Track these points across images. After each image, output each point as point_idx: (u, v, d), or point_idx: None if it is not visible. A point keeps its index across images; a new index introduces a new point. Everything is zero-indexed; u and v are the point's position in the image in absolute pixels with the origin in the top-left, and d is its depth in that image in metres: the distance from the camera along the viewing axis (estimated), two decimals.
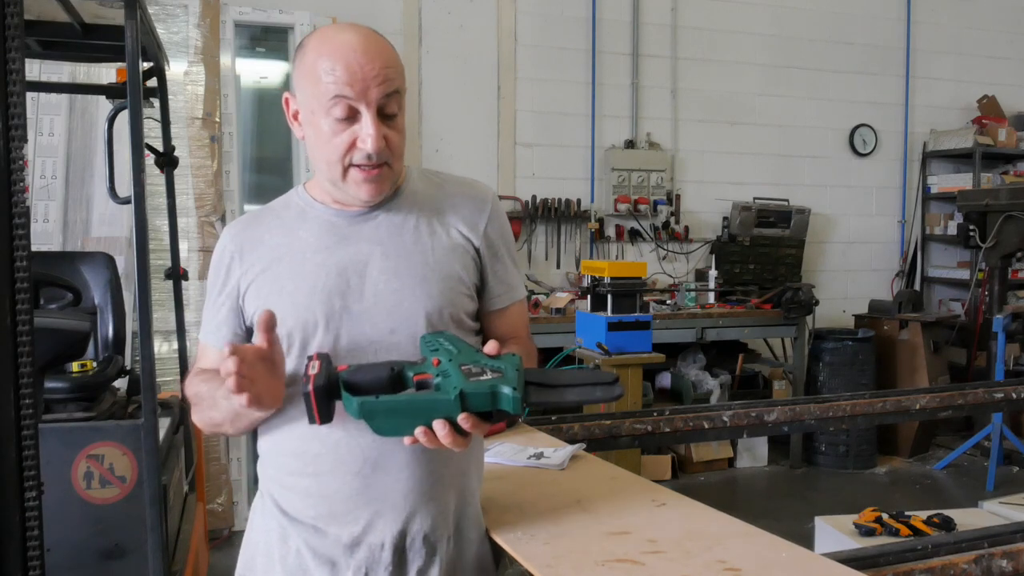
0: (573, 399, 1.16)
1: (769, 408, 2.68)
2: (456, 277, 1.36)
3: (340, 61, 1.24)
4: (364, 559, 1.33)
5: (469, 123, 5.51)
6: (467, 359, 1.14)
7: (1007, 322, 5.20)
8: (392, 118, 1.29)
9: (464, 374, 1.11)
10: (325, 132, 1.27)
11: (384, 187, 1.32)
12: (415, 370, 1.15)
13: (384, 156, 1.28)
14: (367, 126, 1.25)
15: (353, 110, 1.25)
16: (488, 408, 1.11)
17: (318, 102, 1.26)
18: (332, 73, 1.24)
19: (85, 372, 2.52)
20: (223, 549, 3.88)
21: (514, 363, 1.14)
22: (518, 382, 1.11)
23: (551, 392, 1.15)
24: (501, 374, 1.11)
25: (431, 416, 1.11)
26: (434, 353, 1.16)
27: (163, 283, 3.50)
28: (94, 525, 2.22)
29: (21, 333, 0.92)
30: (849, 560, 1.48)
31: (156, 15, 4.10)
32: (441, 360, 1.14)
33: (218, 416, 1.32)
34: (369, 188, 1.30)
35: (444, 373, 1.13)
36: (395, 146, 1.30)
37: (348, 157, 1.28)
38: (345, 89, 1.24)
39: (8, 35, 0.90)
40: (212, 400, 1.31)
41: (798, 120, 6.37)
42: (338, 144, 1.27)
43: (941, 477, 5.31)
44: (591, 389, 1.16)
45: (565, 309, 5.04)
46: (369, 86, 1.24)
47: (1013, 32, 7.01)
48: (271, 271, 1.35)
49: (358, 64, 1.24)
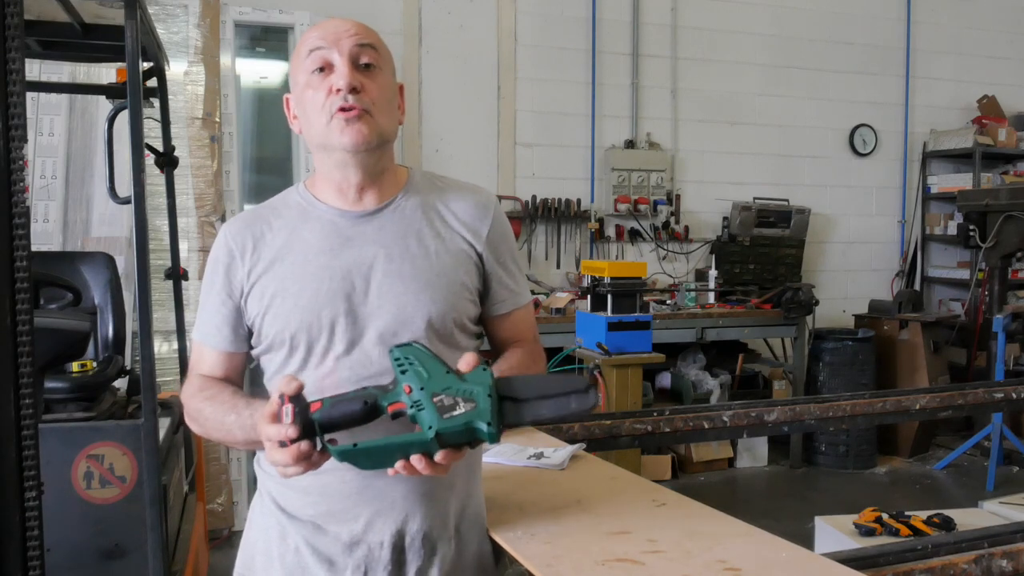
0: (548, 415, 1.16)
1: (769, 408, 2.68)
2: (459, 282, 1.36)
3: (318, 28, 1.34)
4: (363, 558, 1.33)
5: (469, 123, 5.51)
6: (438, 386, 1.13)
7: (1007, 322, 5.20)
8: (369, 68, 1.32)
9: (437, 408, 1.12)
10: (308, 94, 1.31)
11: (368, 135, 1.30)
12: (388, 400, 1.15)
13: (362, 100, 1.29)
14: (340, 67, 1.29)
15: (327, 61, 1.30)
16: (465, 442, 1.13)
17: (301, 72, 1.32)
18: (311, 37, 1.32)
19: (85, 372, 2.52)
20: (223, 549, 3.88)
21: (486, 386, 1.13)
22: (491, 411, 1.11)
23: (526, 409, 1.15)
24: (474, 404, 1.12)
25: (409, 453, 1.13)
26: (404, 377, 1.15)
27: (163, 283, 3.50)
28: (94, 525, 2.22)
29: (21, 333, 0.92)
30: (849, 560, 1.48)
31: (156, 15, 4.10)
32: (412, 388, 1.13)
33: (216, 435, 1.34)
34: (351, 131, 1.28)
35: (418, 405, 1.13)
36: (375, 95, 1.31)
37: (328, 104, 1.29)
38: (319, 42, 1.31)
39: (8, 35, 0.90)
40: (219, 423, 1.31)
41: (798, 120, 6.37)
42: (319, 100, 1.30)
43: (941, 477, 5.31)
44: (565, 401, 1.15)
45: (565, 309, 5.04)
46: (341, 37, 1.31)
47: (1013, 32, 7.01)
48: (274, 272, 1.34)
49: (332, 25, 1.33)
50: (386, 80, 1.34)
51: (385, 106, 1.33)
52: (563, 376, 1.21)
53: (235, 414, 1.28)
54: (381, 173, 1.37)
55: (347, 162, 1.32)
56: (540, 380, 1.19)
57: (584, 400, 1.15)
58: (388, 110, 1.33)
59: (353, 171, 1.33)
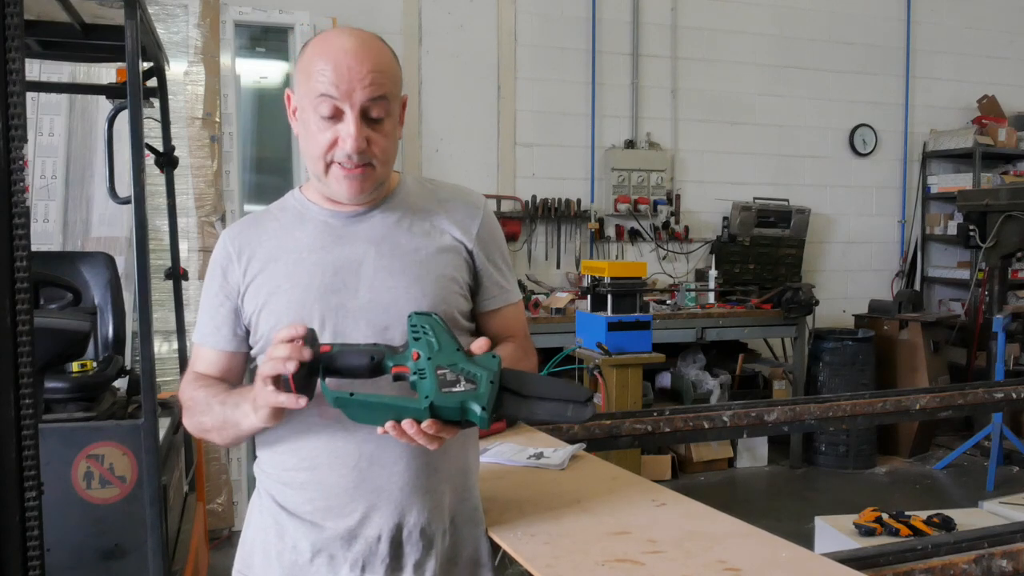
0: (543, 416, 1.18)
1: (769, 408, 2.68)
2: (449, 276, 1.39)
3: (331, 62, 1.28)
4: (361, 552, 1.34)
5: (469, 123, 5.51)
6: (445, 360, 1.15)
7: (1007, 322, 5.20)
8: (378, 122, 1.31)
9: (439, 380, 1.14)
10: (312, 129, 1.31)
11: (366, 186, 1.33)
12: (395, 360, 1.18)
13: (366, 157, 1.30)
14: (348, 126, 1.28)
15: (338, 110, 1.28)
16: (456, 419, 1.15)
17: (308, 99, 1.30)
18: (323, 73, 1.28)
19: (85, 372, 2.52)
20: (223, 549, 3.87)
21: (491, 372, 1.15)
22: (489, 397, 1.13)
23: (523, 405, 1.17)
24: (475, 386, 1.13)
25: (401, 416, 1.16)
26: (415, 344, 1.18)
27: (163, 283, 3.50)
28: (94, 525, 2.22)
29: (21, 333, 0.92)
30: (849, 560, 1.48)
31: (156, 15, 4.10)
32: (420, 355, 1.16)
33: (208, 422, 1.35)
34: (350, 185, 1.32)
35: (421, 373, 1.15)
36: (380, 149, 1.32)
37: (330, 154, 1.31)
38: (331, 88, 1.27)
39: (8, 35, 0.90)
40: (206, 405, 1.34)
41: (798, 120, 6.37)
42: (321, 141, 1.30)
43: (941, 477, 5.31)
44: (563, 407, 1.16)
45: (565, 309, 5.04)
46: (355, 88, 1.27)
47: (1013, 32, 7.01)
48: (268, 271, 1.37)
49: (347, 66, 1.27)
50: (392, 125, 1.34)
51: (387, 156, 1.34)
52: (568, 383, 1.22)
53: (226, 395, 1.33)
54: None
55: (339, 197, 1.36)
56: (545, 381, 1.20)
57: (581, 411, 1.16)
58: (389, 158, 1.35)
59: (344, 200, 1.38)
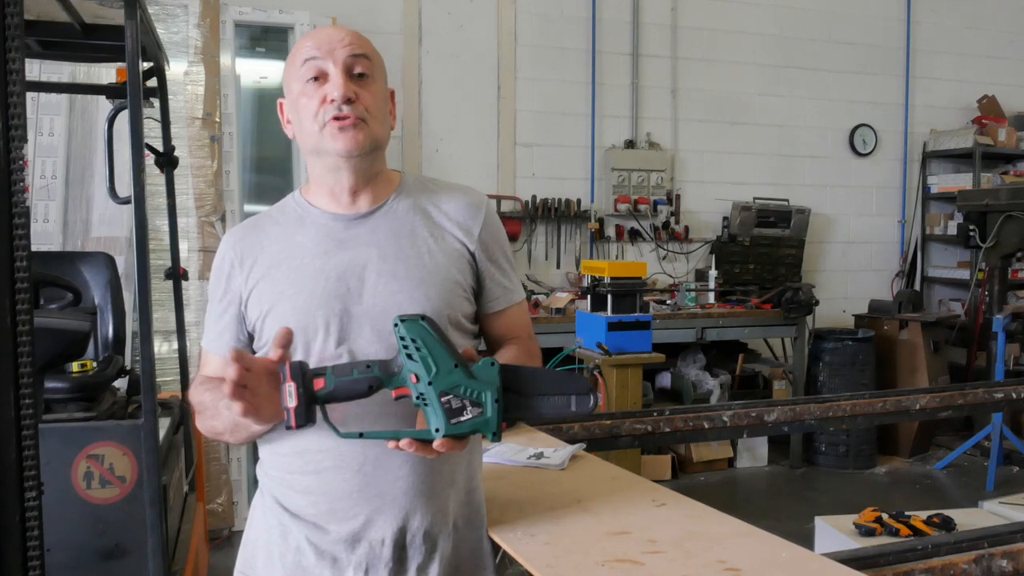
0: (548, 415, 1.20)
1: (769, 408, 2.68)
2: (453, 280, 1.38)
3: (312, 37, 1.37)
4: (365, 555, 1.34)
5: (469, 123, 5.51)
6: (446, 384, 1.13)
7: (1007, 322, 5.20)
8: (363, 78, 1.34)
9: (445, 411, 1.13)
10: (302, 101, 1.33)
11: (360, 139, 1.33)
12: (392, 384, 1.17)
13: (357, 110, 1.32)
14: (334, 78, 1.32)
15: (322, 71, 1.32)
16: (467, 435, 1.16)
17: (296, 79, 1.34)
18: (305, 46, 1.35)
19: (85, 372, 2.51)
20: (223, 549, 3.88)
21: (494, 389, 1.14)
22: (498, 421, 1.14)
23: (526, 406, 1.17)
24: (481, 411, 1.13)
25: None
26: (410, 363, 1.15)
27: (163, 283, 3.50)
28: (94, 525, 2.22)
29: (21, 333, 0.92)
30: (849, 560, 1.48)
31: (156, 15, 4.10)
32: (420, 377, 1.14)
33: (219, 425, 1.34)
34: (344, 138, 1.32)
35: (423, 399, 1.14)
36: (369, 104, 1.34)
37: (321, 114, 1.32)
38: (314, 51, 1.33)
39: (8, 35, 0.90)
40: (215, 409, 1.32)
41: (798, 120, 6.37)
42: (312, 107, 1.32)
43: (941, 477, 5.31)
44: (566, 402, 1.17)
45: (565, 309, 5.04)
46: (335, 47, 1.33)
47: (1013, 32, 7.01)
48: (271, 277, 1.37)
49: (326, 34, 1.36)
50: (379, 88, 1.37)
51: (378, 114, 1.36)
52: (567, 374, 1.23)
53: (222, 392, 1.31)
54: (374, 177, 1.40)
55: (340, 166, 1.35)
56: (544, 375, 1.20)
57: (584, 403, 1.17)
58: (381, 117, 1.37)
59: (346, 175, 1.36)
